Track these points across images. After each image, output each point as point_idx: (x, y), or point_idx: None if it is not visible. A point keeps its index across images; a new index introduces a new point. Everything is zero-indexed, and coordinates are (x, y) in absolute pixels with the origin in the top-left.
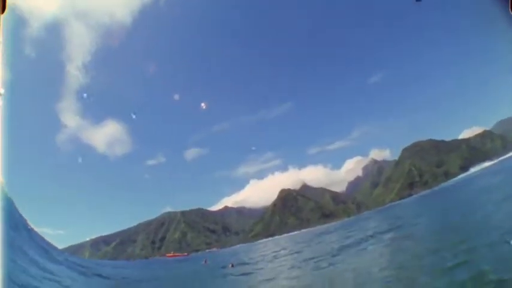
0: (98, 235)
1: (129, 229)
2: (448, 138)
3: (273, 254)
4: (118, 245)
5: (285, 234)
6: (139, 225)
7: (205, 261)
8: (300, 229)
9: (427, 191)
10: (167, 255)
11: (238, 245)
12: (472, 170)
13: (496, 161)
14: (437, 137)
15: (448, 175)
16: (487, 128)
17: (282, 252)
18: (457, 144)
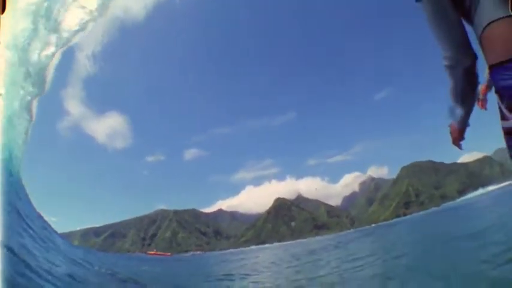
0: (89, 226)
1: (121, 223)
2: (447, 161)
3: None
4: (108, 237)
5: (276, 243)
6: (131, 220)
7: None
8: (291, 239)
9: (422, 212)
10: (148, 252)
11: (227, 250)
12: (470, 195)
13: (494, 187)
14: (437, 158)
15: (445, 198)
16: (487, 154)
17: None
18: (456, 167)
